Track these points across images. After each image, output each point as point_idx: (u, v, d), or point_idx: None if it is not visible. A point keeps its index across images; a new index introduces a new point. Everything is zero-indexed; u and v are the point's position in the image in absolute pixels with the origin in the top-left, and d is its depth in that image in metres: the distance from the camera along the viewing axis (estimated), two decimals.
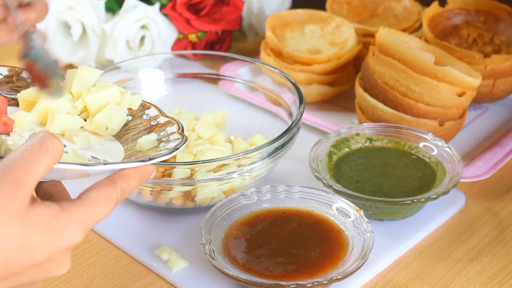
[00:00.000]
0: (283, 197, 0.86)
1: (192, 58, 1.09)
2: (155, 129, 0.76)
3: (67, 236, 0.56)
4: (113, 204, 0.60)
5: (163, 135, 0.75)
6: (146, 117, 0.78)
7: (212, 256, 0.76)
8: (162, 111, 0.79)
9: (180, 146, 0.70)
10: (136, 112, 0.79)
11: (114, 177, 0.62)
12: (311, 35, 1.16)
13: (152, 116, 0.78)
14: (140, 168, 0.64)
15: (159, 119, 0.78)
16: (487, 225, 0.91)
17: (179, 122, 0.76)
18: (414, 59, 0.95)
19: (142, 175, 0.64)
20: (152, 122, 0.77)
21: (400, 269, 0.84)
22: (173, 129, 0.75)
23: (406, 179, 0.90)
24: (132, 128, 0.77)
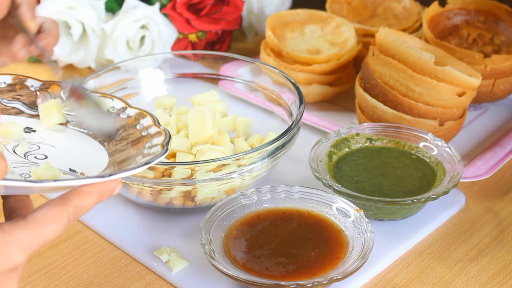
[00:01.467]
0: (283, 197, 0.86)
1: (192, 58, 1.09)
2: (143, 140, 0.76)
3: (6, 258, 0.54)
4: (63, 224, 0.58)
5: (147, 147, 0.74)
6: (139, 127, 0.78)
7: (212, 256, 0.76)
8: (156, 121, 0.78)
9: (152, 161, 0.67)
10: (131, 121, 0.79)
11: (68, 195, 0.60)
12: (311, 35, 1.16)
13: (145, 126, 0.78)
14: (100, 185, 0.61)
15: (150, 130, 0.77)
16: (487, 225, 0.91)
17: (168, 134, 0.75)
18: (414, 59, 0.95)
19: (102, 192, 0.61)
20: (143, 133, 0.77)
21: (400, 269, 0.84)
22: (158, 141, 0.74)
23: (406, 179, 0.90)
24: (123, 139, 0.77)
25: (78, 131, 0.80)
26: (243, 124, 0.98)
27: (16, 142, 0.76)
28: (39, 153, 0.75)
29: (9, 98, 0.81)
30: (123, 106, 0.80)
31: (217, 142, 0.90)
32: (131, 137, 0.76)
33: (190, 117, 0.89)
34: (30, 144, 0.76)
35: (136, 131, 0.77)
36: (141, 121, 0.78)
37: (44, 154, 0.75)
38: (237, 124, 0.98)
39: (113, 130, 0.78)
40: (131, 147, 0.75)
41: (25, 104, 0.82)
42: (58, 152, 0.76)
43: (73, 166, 0.73)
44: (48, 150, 0.76)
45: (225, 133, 0.91)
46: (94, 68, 1.25)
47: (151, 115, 0.79)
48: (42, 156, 0.74)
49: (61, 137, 0.78)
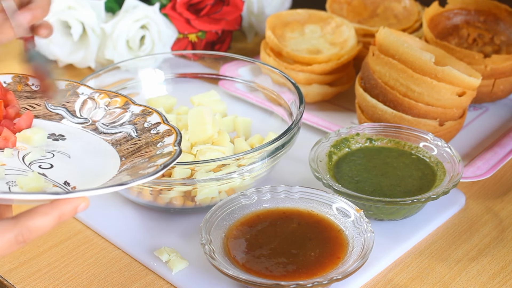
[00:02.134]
0: (283, 197, 0.86)
1: (192, 58, 1.09)
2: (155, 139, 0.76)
3: None
4: (8, 245, 0.56)
5: (158, 149, 0.74)
6: (146, 125, 0.78)
7: (212, 256, 0.76)
8: (164, 119, 0.79)
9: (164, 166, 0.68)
10: (138, 119, 0.79)
11: (21, 215, 0.58)
12: (311, 35, 1.16)
13: (153, 123, 0.79)
14: (59, 205, 0.59)
15: (160, 128, 0.78)
16: (487, 225, 0.91)
17: (178, 132, 0.76)
18: (414, 59, 0.95)
19: (62, 212, 0.59)
20: (152, 131, 0.78)
21: (400, 269, 0.84)
22: (169, 140, 0.75)
23: (406, 179, 0.90)
24: (135, 140, 0.78)
25: (100, 138, 0.80)
26: (243, 124, 0.98)
27: (32, 149, 0.77)
28: (47, 162, 0.75)
29: (56, 104, 0.82)
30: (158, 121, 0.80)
31: (217, 142, 0.90)
32: (147, 154, 0.76)
33: (190, 117, 0.89)
34: (45, 152, 0.77)
35: (145, 130, 0.78)
36: (148, 118, 0.79)
37: (52, 163, 0.75)
38: (237, 124, 0.98)
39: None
40: (142, 148, 0.76)
41: (69, 111, 0.83)
42: (68, 162, 0.76)
43: (72, 178, 0.73)
44: (58, 160, 0.76)
45: (225, 133, 0.91)
46: (94, 68, 1.25)
47: (157, 111, 0.80)
48: (47, 166, 0.74)
49: (81, 146, 0.79)
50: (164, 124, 0.79)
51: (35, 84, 0.83)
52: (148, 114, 0.81)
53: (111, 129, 0.81)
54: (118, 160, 0.76)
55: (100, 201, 0.93)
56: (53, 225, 0.59)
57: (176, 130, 0.77)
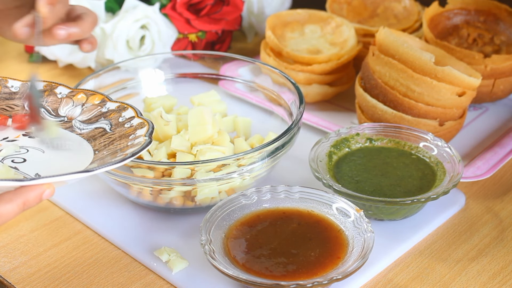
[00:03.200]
0: (283, 197, 0.86)
1: (192, 58, 1.09)
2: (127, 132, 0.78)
3: None
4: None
5: (130, 139, 0.76)
6: (121, 119, 0.80)
7: (212, 256, 0.76)
8: (139, 112, 0.81)
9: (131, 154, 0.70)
10: (114, 114, 0.81)
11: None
12: (311, 35, 1.16)
13: (127, 117, 0.80)
14: (23, 191, 0.60)
15: (133, 121, 0.79)
16: (487, 225, 0.91)
17: (150, 124, 0.77)
18: (414, 59, 0.95)
19: (25, 199, 0.60)
20: (126, 125, 0.79)
21: (400, 269, 0.84)
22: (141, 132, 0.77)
23: (406, 179, 0.90)
24: (109, 134, 0.79)
25: (75, 134, 0.82)
26: (243, 124, 0.98)
27: (6, 145, 0.78)
28: (20, 157, 0.76)
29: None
30: (102, 100, 0.83)
31: (217, 142, 0.90)
32: (118, 147, 0.77)
33: (190, 117, 0.90)
34: (19, 148, 0.78)
35: (120, 124, 0.80)
36: (122, 113, 0.81)
37: (24, 158, 0.76)
38: (237, 124, 0.98)
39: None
40: (115, 141, 0.77)
41: (48, 111, 0.84)
42: (42, 156, 0.77)
43: (44, 170, 0.74)
44: (32, 155, 0.77)
45: (225, 133, 0.91)
46: (94, 68, 1.25)
47: (132, 107, 0.81)
48: (20, 160, 0.75)
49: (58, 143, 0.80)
50: (138, 118, 0.80)
51: (61, 93, 0.86)
52: (123, 109, 0.82)
53: (87, 126, 0.82)
54: (92, 154, 0.78)
55: (101, 201, 0.93)
56: (18, 212, 0.60)
57: (149, 122, 0.78)
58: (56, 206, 0.94)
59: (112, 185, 0.90)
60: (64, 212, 0.93)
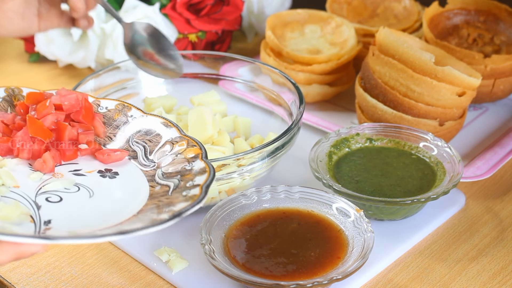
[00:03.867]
0: (283, 197, 0.86)
1: (192, 58, 1.09)
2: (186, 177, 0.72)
3: None
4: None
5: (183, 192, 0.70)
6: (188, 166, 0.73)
7: (212, 256, 0.76)
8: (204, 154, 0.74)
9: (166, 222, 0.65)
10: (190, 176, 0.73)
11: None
12: (311, 35, 1.16)
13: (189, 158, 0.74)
14: (18, 247, 0.60)
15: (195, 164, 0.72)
16: (487, 225, 0.91)
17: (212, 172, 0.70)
18: (414, 59, 0.95)
19: (20, 253, 0.61)
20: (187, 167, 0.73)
21: (400, 269, 0.84)
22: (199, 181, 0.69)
23: (406, 179, 0.90)
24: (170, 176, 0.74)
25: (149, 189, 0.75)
26: (243, 124, 0.98)
27: (65, 178, 0.74)
28: (59, 196, 0.72)
29: (139, 140, 0.80)
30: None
31: (217, 142, 0.90)
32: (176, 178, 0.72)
33: (190, 117, 0.89)
34: (72, 185, 0.74)
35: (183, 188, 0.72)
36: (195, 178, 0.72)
37: (62, 197, 0.71)
38: (237, 124, 0.98)
39: None
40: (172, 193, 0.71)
41: (145, 151, 0.79)
42: (82, 201, 0.72)
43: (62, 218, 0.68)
44: (76, 196, 0.72)
45: (225, 133, 0.91)
46: (94, 68, 1.25)
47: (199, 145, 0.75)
48: (56, 199, 0.71)
49: (117, 189, 0.75)
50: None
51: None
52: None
53: (165, 180, 0.75)
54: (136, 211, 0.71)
55: None
56: (9, 262, 0.60)
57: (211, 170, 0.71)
58: None
59: None
60: None
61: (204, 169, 0.72)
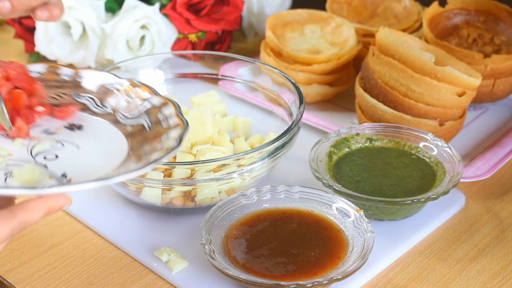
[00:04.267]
0: (283, 197, 0.86)
1: (192, 58, 1.09)
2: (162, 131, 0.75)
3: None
4: (5, 236, 0.59)
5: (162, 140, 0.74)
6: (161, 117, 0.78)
7: (212, 256, 0.76)
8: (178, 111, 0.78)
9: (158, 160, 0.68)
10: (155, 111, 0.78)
11: (16, 208, 0.60)
12: (311, 35, 1.16)
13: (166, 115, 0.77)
14: (48, 201, 0.61)
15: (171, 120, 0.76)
16: (487, 225, 0.91)
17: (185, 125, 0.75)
18: (414, 59, 0.95)
19: (49, 208, 0.61)
20: (163, 124, 0.77)
21: (400, 269, 0.84)
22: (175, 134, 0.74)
23: (406, 179, 0.90)
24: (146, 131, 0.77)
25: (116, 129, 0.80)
26: (243, 124, 0.98)
27: (44, 139, 0.77)
28: (53, 153, 0.75)
29: (83, 93, 0.82)
30: (149, 95, 0.80)
31: (217, 142, 0.90)
32: (154, 130, 0.76)
33: (190, 117, 0.90)
34: (55, 142, 0.76)
35: (158, 122, 0.77)
36: (163, 110, 0.78)
37: (57, 154, 0.74)
38: (237, 124, 0.98)
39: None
40: (149, 141, 0.75)
41: (94, 101, 0.82)
42: (75, 153, 0.75)
43: (72, 169, 0.72)
44: (66, 150, 0.75)
45: (225, 133, 0.91)
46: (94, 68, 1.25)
47: (174, 103, 0.79)
48: (52, 157, 0.74)
49: (94, 137, 0.78)
50: (176, 117, 0.77)
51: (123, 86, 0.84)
52: (164, 105, 0.80)
53: (129, 121, 0.80)
54: (125, 153, 0.75)
55: (101, 201, 0.93)
56: (41, 218, 0.61)
57: (184, 122, 0.76)
58: None
59: (112, 185, 0.90)
60: (64, 212, 0.93)
61: (178, 123, 0.76)
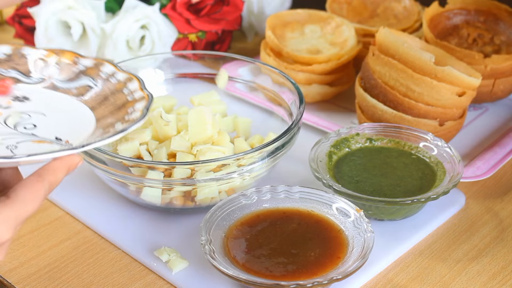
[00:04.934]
0: (283, 197, 0.86)
1: (192, 58, 1.09)
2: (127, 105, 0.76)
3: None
4: (41, 200, 0.63)
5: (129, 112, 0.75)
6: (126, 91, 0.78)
7: (212, 256, 0.76)
8: (143, 85, 0.79)
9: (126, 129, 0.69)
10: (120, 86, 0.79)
11: (42, 172, 0.64)
12: (311, 35, 1.16)
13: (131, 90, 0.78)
14: (68, 160, 0.65)
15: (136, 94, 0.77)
16: (487, 225, 0.91)
17: (150, 98, 0.75)
18: (414, 59, 0.95)
19: (68, 166, 0.65)
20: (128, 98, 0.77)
21: (400, 269, 0.84)
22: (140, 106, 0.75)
23: (406, 179, 0.90)
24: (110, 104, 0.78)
25: (69, 96, 0.80)
26: (243, 124, 0.98)
27: (8, 113, 0.76)
28: (29, 123, 0.75)
29: (6, 68, 0.82)
30: (113, 70, 0.81)
31: (217, 142, 0.90)
32: (118, 102, 0.77)
33: (190, 117, 0.90)
34: (21, 114, 0.76)
35: (123, 96, 0.78)
36: (128, 85, 0.79)
37: (34, 123, 0.75)
38: (237, 124, 0.99)
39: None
40: (115, 112, 0.76)
41: (21, 73, 0.82)
42: (47, 120, 0.76)
43: (60, 134, 0.73)
44: (37, 119, 0.76)
45: (225, 133, 0.91)
46: None
47: (138, 78, 0.79)
48: (31, 126, 0.74)
49: (52, 104, 0.79)
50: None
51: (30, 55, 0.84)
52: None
53: (69, 84, 0.81)
54: (89, 110, 0.76)
55: (101, 201, 0.93)
56: (63, 178, 0.65)
57: (136, 75, 0.78)
58: (56, 206, 0.94)
59: (112, 185, 0.90)
60: (64, 212, 0.93)
61: (143, 96, 0.76)
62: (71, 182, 0.96)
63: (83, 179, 0.97)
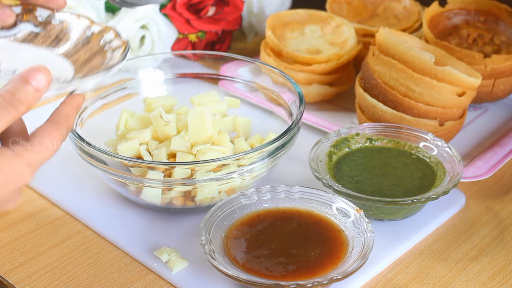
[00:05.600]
0: (283, 197, 0.86)
1: (192, 58, 1.09)
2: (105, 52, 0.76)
3: (19, 178, 0.63)
4: (60, 143, 0.67)
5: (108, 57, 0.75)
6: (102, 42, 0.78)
7: (212, 256, 0.76)
8: (118, 34, 0.78)
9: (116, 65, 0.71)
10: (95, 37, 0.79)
11: (57, 118, 0.68)
12: (311, 35, 1.16)
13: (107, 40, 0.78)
14: (73, 103, 0.69)
15: (113, 43, 0.77)
16: (487, 225, 0.91)
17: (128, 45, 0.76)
18: (414, 59, 0.96)
19: (76, 107, 0.69)
20: (105, 48, 0.77)
21: (400, 269, 0.84)
22: (111, 36, 0.76)
23: (406, 179, 0.90)
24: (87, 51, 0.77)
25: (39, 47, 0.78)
26: (243, 124, 0.99)
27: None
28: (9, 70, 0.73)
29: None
30: (88, 24, 0.80)
31: (217, 142, 0.90)
32: (94, 50, 0.77)
33: (190, 117, 0.90)
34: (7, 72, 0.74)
35: (100, 46, 0.78)
36: (104, 35, 0.79)
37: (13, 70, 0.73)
38: (237, 124, 0.99)
39: None
40: (94, 58, 0.76)
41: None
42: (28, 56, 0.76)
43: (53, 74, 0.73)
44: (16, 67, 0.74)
45: (225, 133, 0.91)
46: None
47: (114, 29, 0.79)
48: (11, 73, 0.73)
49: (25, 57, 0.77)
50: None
51: None
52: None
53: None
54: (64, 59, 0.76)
55: (101, 201, 0.93)
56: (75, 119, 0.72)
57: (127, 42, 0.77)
58: (56, 206, 0.94)
59: (112, 185, 0.90)
60: (64, 212, 0.93)
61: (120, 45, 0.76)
62: (71, 182, 0.96)
63: (83, 179, 0.97)
